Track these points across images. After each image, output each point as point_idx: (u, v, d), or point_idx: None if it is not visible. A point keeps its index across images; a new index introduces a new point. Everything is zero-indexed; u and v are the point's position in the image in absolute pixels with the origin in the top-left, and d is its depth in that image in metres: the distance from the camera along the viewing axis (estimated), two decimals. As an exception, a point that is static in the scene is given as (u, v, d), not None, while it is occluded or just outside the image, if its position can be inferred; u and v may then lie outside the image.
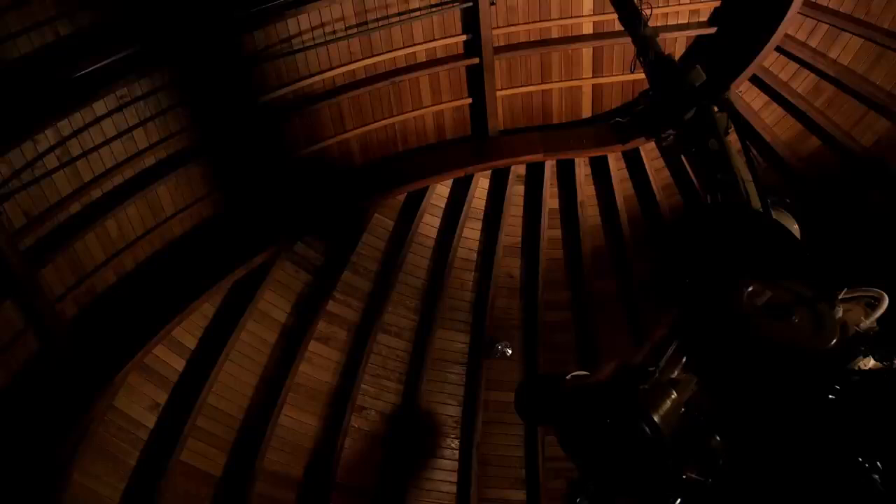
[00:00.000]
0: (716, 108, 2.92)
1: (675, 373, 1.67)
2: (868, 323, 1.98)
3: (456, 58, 7.12)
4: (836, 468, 1.40)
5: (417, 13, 6.64)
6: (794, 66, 6.98)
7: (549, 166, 7.72)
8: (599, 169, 7.78)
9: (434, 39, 6.91)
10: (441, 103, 7.39)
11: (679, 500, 1.50)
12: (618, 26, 6.89)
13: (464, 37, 6.96)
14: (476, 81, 7.28)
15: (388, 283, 7.53)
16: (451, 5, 6.68)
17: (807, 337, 1.66)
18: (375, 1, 6.47)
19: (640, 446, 1.45)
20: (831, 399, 1.55)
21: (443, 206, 7.86)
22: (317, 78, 6.65)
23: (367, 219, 7.53)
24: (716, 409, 1.79)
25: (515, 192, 7.88)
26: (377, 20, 6.56)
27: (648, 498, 1.51)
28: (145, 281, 6.35)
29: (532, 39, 7.19)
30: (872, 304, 2.06)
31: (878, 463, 1.42)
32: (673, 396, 1.55)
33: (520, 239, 8.00)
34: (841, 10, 6.53)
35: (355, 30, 6.52)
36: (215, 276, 6.54)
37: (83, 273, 5.92)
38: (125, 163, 5.87)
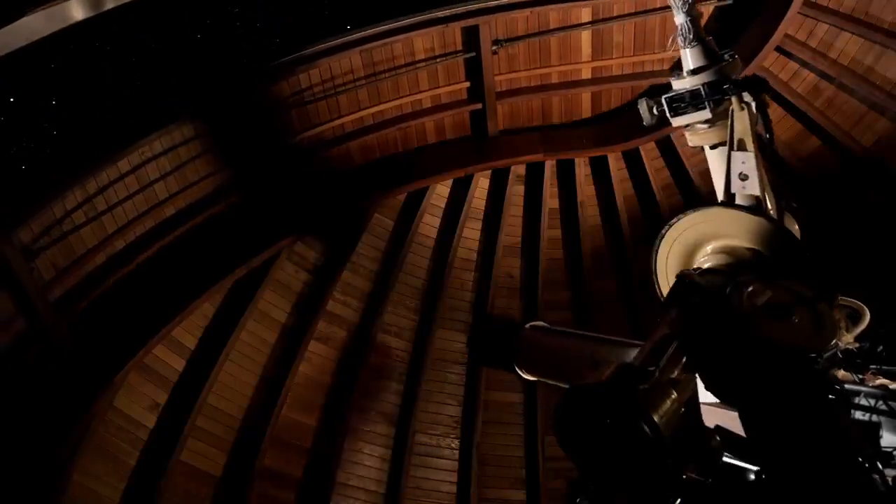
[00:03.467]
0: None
1: (675, 373, 1.67)
2: (849, 338, 1.95)
3: (460, 103, 7.37)
4: (836, 468, 1.40)
5: (423, 64, 6.93)
6: (794, 65, 6.98)
7: (549, 166, 7.72)
8: (599, 169, 7.78)
9: (439, 86, 7.19)
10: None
11: (679, 500, 1.50)
12: (615, 71, 7.41)
13: (467, 83, 7.23)
14: (479, 125, 7.50)
15: (387, 283, 7.53)
16: (455, 55, 6.97)
17: (807, 337, 1.66)
18: (383, 53, 6.75)
19: (640, 446, 1.45)
20: (831, 399, 1.55)
21: (443, 206, 7.86)
22: (326, 126, 6.91)
23: (367, 219, 7.53)
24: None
25: (515, 192, 7.88)
26: (384, 71, 6.85)
27: (648, 498, 1.51)
28: (145, 281, 6.36)
29: (533, 85, 7.42)
30: (854, 318, 2.02)
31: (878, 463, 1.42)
32: (673, 396, 1.55)
33: (520, 239, 8.00)
34: (841, 10, 6.53)
35: (364, 81, 6.83)
36: (215, 276, 6.55)
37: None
38: (145, 214, 6.15)
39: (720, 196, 2.73)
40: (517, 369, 2.79)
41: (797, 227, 2.87)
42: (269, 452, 6.84)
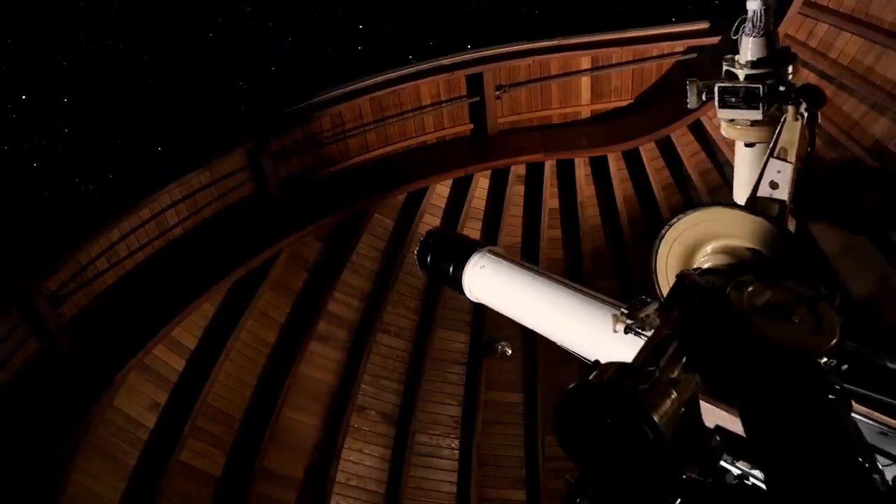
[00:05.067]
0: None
1: (675, 373, 1.67)
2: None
3: (463, 142, 7.62)
4: (836, 468, 1.40)
5: (429, 109, 7.25)
6: (793, 66, 6.96)
7: (549, 166, 7.72)
8: (599, 169, 7.79)
9: (444, 128, 7.51)
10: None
11: (679, 501, 1.50)
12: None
13: (470, 125, 7.52)
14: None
15: (387, 283, 7.54)
16: (459, 100, 7.32)
17: (807, 337, 1.66)
18: (391, 99, 7.05)
19: (640, 447, 1.45)
20: (831, 399, 1.55)
21: (443, 206, 7.86)
22: (335, 168, 7.19)
23: (367, 219, 7.54)
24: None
25: (515, 192, 7.88)
26: (392, 116, 7.16)
27: (648, 498, 1.51)
28: (145, 281, 6.36)
29: (534, 125, 7.67)
30: None
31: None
32: (673, 396, 1.55)
33: (520, 239, 8.00)
34: (841, 10, 6.52)
35: (372, 125, 7.14)
36: (215, 277, 6.55)
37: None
38: (162, 252, 6.44)
39: (736, 192, 2.67)
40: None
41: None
42: (269, 452, 6.84)
